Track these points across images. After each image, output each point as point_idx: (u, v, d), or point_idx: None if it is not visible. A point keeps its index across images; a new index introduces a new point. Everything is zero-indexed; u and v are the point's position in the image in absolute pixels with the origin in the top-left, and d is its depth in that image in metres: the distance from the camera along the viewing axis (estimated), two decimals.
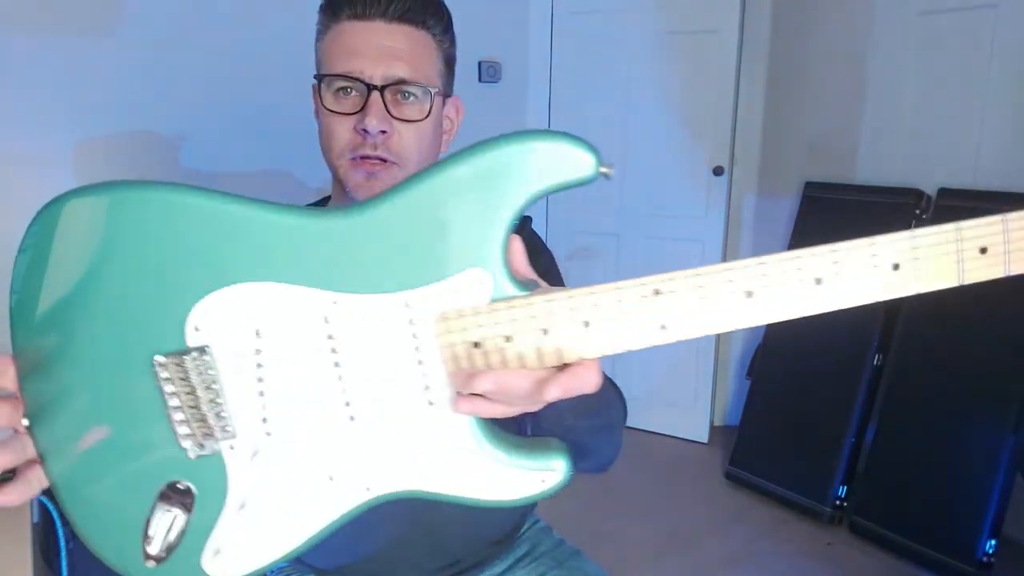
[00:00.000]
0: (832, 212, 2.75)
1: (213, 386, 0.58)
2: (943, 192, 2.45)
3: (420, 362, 0.57)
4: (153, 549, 0.61)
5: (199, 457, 0.60)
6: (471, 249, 0.55)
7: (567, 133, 0.54)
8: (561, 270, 1.00)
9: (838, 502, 2.50)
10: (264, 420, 0.59)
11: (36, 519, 2.16)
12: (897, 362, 2.46)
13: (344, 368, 0.58)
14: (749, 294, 0.52)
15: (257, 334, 0.58)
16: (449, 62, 0.93)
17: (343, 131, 0.87)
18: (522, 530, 1.15)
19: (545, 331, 0.54)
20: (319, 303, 0.57)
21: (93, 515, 0.61)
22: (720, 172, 3.03)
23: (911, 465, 2.33)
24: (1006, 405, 2.14)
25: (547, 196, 0.55)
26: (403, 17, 0.85)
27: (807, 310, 0.52)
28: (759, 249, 3.18)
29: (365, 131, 0.84)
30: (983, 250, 0.51)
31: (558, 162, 0.54)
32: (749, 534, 2.50)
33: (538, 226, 3.32)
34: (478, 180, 0.54)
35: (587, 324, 0.54)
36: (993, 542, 2.12)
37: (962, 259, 0.51)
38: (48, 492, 0.61)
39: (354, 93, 0.86)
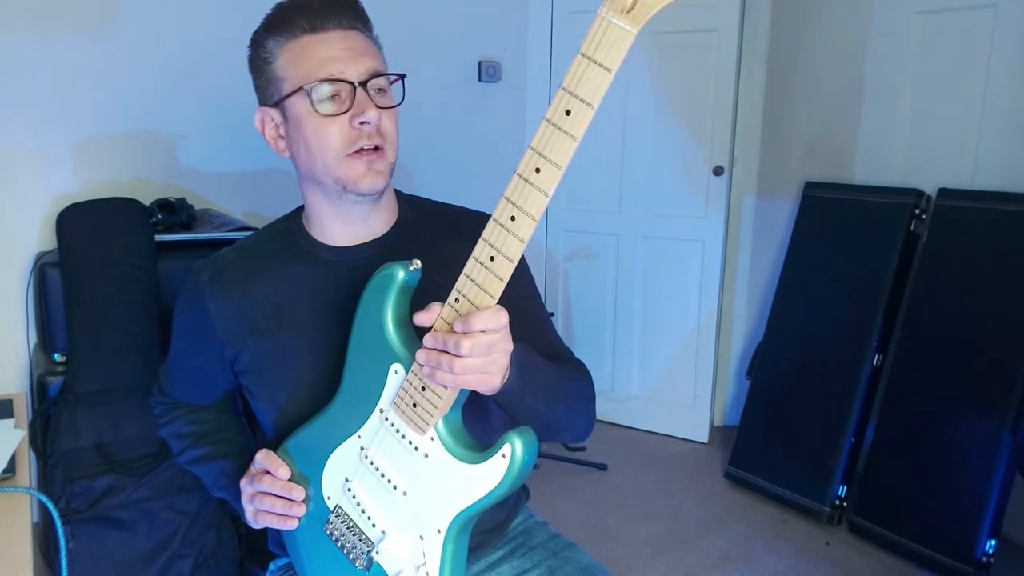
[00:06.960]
0: (831, 212, 2.74)
1: (349, 521, 0.96)
2: (942, 192, 2.46)
3: (403, 436, 0.90)
4: None
5: (370, 567, 0.94)
6: (385, 357, 0.90)
7: (383, 268, 0.88)
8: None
9: (837, 502, 2.51)
10: (374, 525, 0.94)
11: (36, 519, 2.16)
12: (896, 362, 2.46)
13: (381, 468, 0.93)
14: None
15: (346, 480, 0.96)
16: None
17: (336, 132, 0.95)
18: (515, 522, 1.19)
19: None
20: (354, 443, 0.96)
21: None
22: (720, 172, 3.03)
23: (910, 465, 2.34)
24: (1005, 405, 2.14)
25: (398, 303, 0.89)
26: (351, 25, 0.98)
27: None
28: (759, 249, 3.19)
29: (364, 123, 0.94)
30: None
31: (388, 279, 0.88)
32: (748, 533, 2.51)
33: (538, 227, 3.34)
34: (364, 324, 0.92)
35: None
36: (992, 542, 2.13)
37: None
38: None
39: (341, 95, 0.95)
